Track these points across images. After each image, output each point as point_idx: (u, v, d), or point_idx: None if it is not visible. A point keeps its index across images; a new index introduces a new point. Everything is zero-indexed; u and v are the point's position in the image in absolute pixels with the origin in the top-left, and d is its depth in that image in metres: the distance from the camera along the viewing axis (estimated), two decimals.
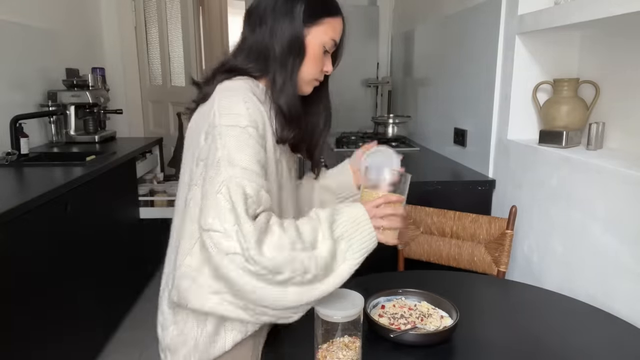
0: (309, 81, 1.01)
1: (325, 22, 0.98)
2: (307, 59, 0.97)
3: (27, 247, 1.60)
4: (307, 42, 0.96)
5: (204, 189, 0.85)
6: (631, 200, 1.15)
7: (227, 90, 0.92)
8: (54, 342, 1.77)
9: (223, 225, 0.80)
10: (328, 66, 1.02)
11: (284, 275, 0.81)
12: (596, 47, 1.57)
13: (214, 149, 0.86)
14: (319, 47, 0.98)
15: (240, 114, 0.88)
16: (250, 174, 0.84)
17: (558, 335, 1.04)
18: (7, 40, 2.42)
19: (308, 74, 0.99)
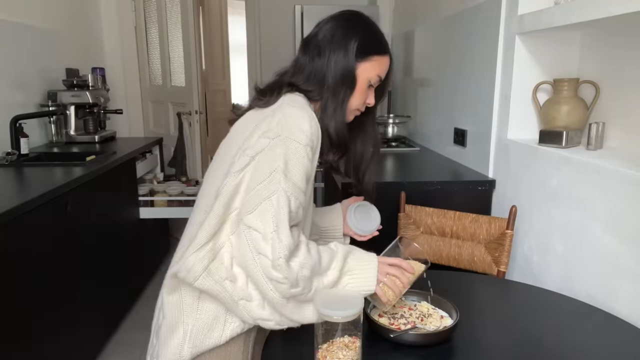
0: (352, 111, 1.09)
1: (374, 59, 1.05)
2: (355, 90, 1.06)
3: (27, 247, 1.60)
4: (356, 76, 1.04)
5: (254, 190, 0.91)
6: (631, 200, 1.14)
7: (295, 102, 0.99)
8: (54, 342, 1.77)
9: (265, 228, 0.88)
10: (371, 99, 1.10)
11: (297, 289, 0.90)
12: (596, 47, 1.57)
13: (272, 157, 0.92)
14: (365, 81, 1.06)
15: (304, 131, 0.94)
16: (298, 191, 0.92)
17: (558, 335, 1.04)
18: (7, 40, 2.42)
19: (353, 104, 1.07)
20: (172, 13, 3.57)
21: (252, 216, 0.89)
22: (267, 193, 0.90)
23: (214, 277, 0.93)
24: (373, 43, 1.07)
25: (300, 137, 0.93)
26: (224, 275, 0.93)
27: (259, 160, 0.93)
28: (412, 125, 2.97)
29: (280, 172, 0.91)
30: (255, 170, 0.93)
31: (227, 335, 0.97)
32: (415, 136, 2.92)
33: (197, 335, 0.97)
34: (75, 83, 2.80)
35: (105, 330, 2.29)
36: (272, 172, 0.91)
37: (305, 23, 3.23)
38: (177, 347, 0.97)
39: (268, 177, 0.91)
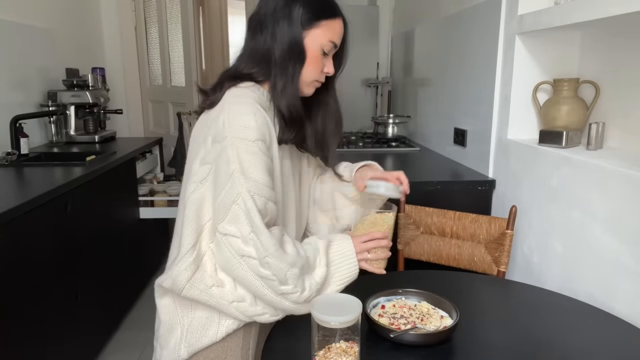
0: (310, 83, 1.03)
1: (323, 24, 0.98)
2: (307, 61, 0.99)
3: (27, 247, 1.60)
4: (305, 45, 0.98)
5: (220, 198, 0.91)
6: (631, 200, 1.14)
7: (236, 98, 0.95)
8: (54, 342, 1.77)
9: (241, 231, 0.88)
10: (328, 67, 1.02)
11: (287, 287, 0.91)
12: (596, 47, 1.57)
13: (226, 160, 0.90)
14: (317, 50, 0.99)
15: (249, 127, 0.91)
16: (262, 187, 0.91)
17: (558, 335, 1.04)
18: (7, 40, 2.42)
19: (308, 76, 1.01)
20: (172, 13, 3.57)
21: (225, 223, 0.90)
22: (232, 197, 0.89)
23: (198, 286, 0.93)
24: (320, 7, 0.99)
25: (248, 133, 0.91)
26: (210, 282, 0.94)
27: (217, 167, 0.92)
28: (412, 125, 2.97)
29: (239, 174, 0.89)
30: (215, 177, 0.92)
31: (222, 332, 0.97)
32: (415, 136, 2.92)
33: (193, 334, 0.97)
34: (75, 83, 2.80)
35: (105, 330, 2.29)
36: (230, 175, 0.90)
37: None
38: (175, 347, 0.98)
39: (228, 181, 0.90)
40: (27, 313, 1.59)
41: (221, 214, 0.90)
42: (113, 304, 2.39)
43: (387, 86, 3.54)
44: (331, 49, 1.01)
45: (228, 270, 0.92)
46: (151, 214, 2.81)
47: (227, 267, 0.92)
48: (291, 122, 1.00)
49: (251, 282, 0.90)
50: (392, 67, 3.62)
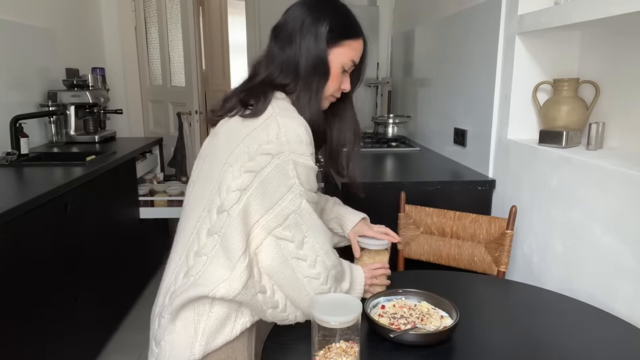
0: (327, 97, 1.07)
1: (346, 44, 1.03)
2: (329, 78, 1.03)
3: (27, 247, 1.60)
4: (329, 62, 1.02)
5: (279, 208, 0.95)
6: (631, 200, 1.14)
7: (285, 111, 0.98)
8: (54, 342, 1.77)
9: (296, 237, 0.96)
10: (346, 85, 1.07)
11: (326, 286, 1.00)
12: (596, 47, 1.57)
13: (284, 174, 0.94)
14: (339, 67, 1.03)
15: (304, 142, 0.95)
16: (313, 195, 0.99)
17: (558, 335, 1.04)
18: (7, 40, 2.42)
19: (327, 91, 1.05)
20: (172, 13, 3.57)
21: (282, 229, 0.95)
22: (293, 208, 0.95)
23: (250, 292, 0.96)
24: (344, 27, 1.03)
25: (304, 149, 0.95)
26: (258, 288, 0.97)
27: (269, 178, 0.94)
28: (412, 125, 2.97)
29: (298, 186, 0.95)
30: (268, 187, 0.94)
31: (237, 330, 0.99)
32: (415, 136, 2.92)
33: (210, 334, 0.97)
34: (75, 83, 2.80)
35: (105, 330, 2.29)
36: (290, 188, 0.95)
37: None
38: (188, 347, 0.96)
39: (288, 193, 0.95)
40: (27, 313, 1.59)
41: (280, 221, 0.95)
42: (113, 304, 2.39)
43: (387, 86, 3.54)
44: (351, 67, 1.06)
45: (274, 273, 0.98)
46: (151, 214, 2.81)
47: (273, 271, 0.97)
48: (315, 135, 1.02)
49: (296, 283, 0.97)
50: (392, 67, 3.62)
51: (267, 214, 0.95)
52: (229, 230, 0.94)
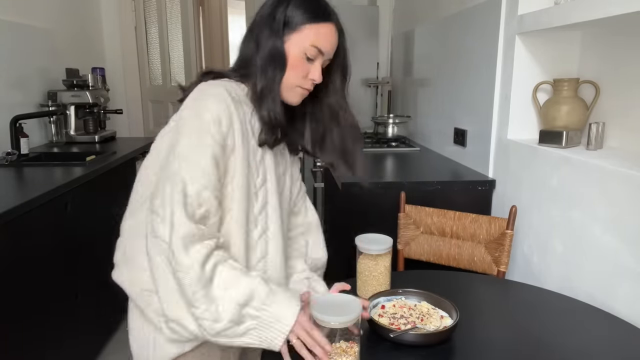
0: (292, 89, 0.98)
1: (305, 28, 0.95)
2: (288, 66, 0.96)
3: (27, 247, 1.60)
4: (287, 50, 0.95)
5: (161, 172, 0.89)
6: (631, 200, 1.15)
7: (207, 84, 0.94)
8: (54, 342, 1.77)
9: (164, 210, 0.85)
10: (314, 74, 0.97)
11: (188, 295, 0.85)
12: (596, 47, 1.57)
13: (176, 138, 0.89)
14: (298, 55, 0.95)
15: (205, 107, 0.89)
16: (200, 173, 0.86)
17: (558, 335, 1.04)
18: (7, 40, 2.42)
19: (289, 81, 0.97)
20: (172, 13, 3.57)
21: (155, 198, 0.87)
22: (169, 174, 0.87)
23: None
24: (306, 11, 0.95)
25: (201, 112, 0.88)
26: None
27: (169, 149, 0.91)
28: (412, 125, 2.97)
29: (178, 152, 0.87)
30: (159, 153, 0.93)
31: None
32: (415, 136, 2.92)
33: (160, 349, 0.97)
34: (75, 83, 2.80)
35: (105, 330, 2.29)
36: (173, 153, 0.88)
37: None
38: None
39: (167, 157, 0.89)
40: (27, 313, 1.59)
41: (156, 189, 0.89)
42: (113, 304, 2.38)
43: (387, 86, 3.54)
44: (316, 54, 0.96)
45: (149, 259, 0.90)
46: None
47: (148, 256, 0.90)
48: (270, 126, 0.97)
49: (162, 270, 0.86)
50: (392, 67, 3.62)
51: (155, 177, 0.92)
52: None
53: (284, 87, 0.97)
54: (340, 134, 1.06)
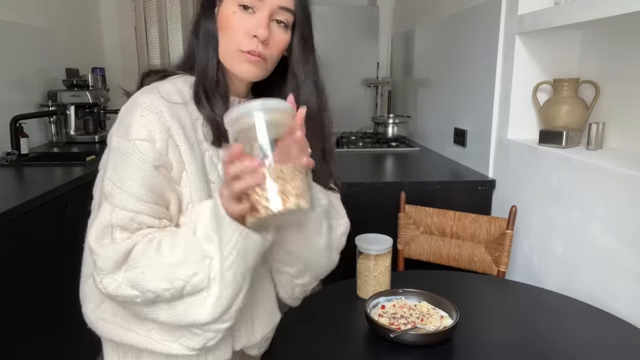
0: (233, 54, 0.79)
1: None
2: (220, 28, 0.80)
3: (27, 247, 1.60)
4: (219, 13, 0.80)
5: (100, 194, 0.79)
6: (631, 200, 1.14)
7: (136, 96, 0.79)
8: (54, 342, 1.77)
9: (91, 242, 0.76)
10: (258, 30, 0.76)
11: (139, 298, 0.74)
12: (596, 47, 1.57)
13: (106, 161, 0.79)
14: (230, 8, 0.78)
15: (131, 124, 0.75)
16: (126, 198, 0.73)
17: (558, 335, 1.04)
18: (7, 40, 2.42)
19: (227, 47, 0.80)
20: (172, 13, 3.57)
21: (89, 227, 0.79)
22: (99, 200, 0.78)
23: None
24: None
25: (128, 131, 0.75)
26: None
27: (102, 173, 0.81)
28: (412, 125, 2.97)
29: (107, 178, 0.76)
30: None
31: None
32: (415, 136, 2.92)
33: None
34: (75, 83, 2.80)
35: None
36: (101, 179, 0.78)
37: None
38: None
39: (99, 184, 0.79)
40: (28, 313, 1.59)
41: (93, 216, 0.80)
42: None
43: (387, 86, 3.54)
44: (249, 0, 0.77)
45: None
46: None
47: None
48: (212, 122, 0.81)
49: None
50: (392, 67, 3.62)
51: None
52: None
53: (225, 58, 0.81)
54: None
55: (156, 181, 0.75)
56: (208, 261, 0.69)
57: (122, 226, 0.74)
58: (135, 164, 0.74)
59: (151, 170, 0.74)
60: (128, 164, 0.74)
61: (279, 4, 0.78)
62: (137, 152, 0.74)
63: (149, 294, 0.72)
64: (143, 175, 0.74)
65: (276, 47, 0.81)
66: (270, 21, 0.78)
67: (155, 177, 0.75)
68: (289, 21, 0.80)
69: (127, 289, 0.73)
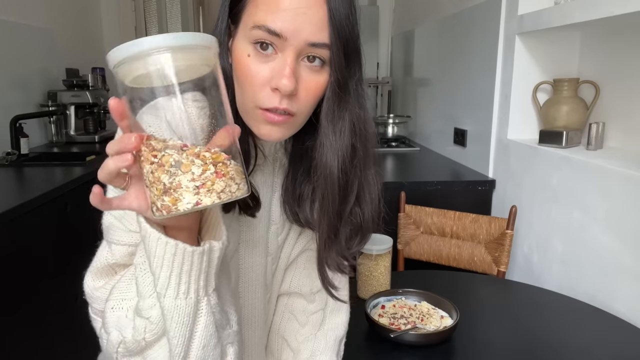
0: (252, 111, 0.58)
1: (249, 2, 0.57)
2: (234, 70, 0.60)
3: (27, 247, 1.60)
4: (233, 49, 0.60)
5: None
6: (631, 200, 1.15)
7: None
8: (54, 343, 1.77)
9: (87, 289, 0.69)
10: (280, 81, 0.55)
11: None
12: (596, 47, 1.57)
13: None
14: (244, 52, 0.57)
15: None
16: (123, 233, 0.61)
17: (558, 335, 1.04)
18: (7, 40, 2.42)
19: (242, 98, 0.59)
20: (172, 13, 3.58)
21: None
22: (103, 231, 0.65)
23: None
24: None
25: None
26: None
27: None
28: (412, 125, 2.97)
29: (110, 215, 0.62)
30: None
31: None
32: (415, 136, 2.92)
33: None
34: (75, 83, 2.80)
35: None
36: (105, 214, 0.64)
37: None
38: None
39: (103, 219, 0.65)
40: (27, 313, 1.59)
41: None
42: None
43: (387, 86, 3.54)
44: (267, 36, 0.55)
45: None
46: None
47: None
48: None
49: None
50: (392, 67, 3.62)
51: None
52: None
53: (243, 114, 0.61)
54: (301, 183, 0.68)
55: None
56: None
57: (122, 264, 0.62)
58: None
59: None
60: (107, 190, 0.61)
61: (308, 40, 0.55)
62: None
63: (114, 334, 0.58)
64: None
65: (310, 97, 0.59)
66: (297, 63, 0.56)
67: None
68: (325, 57, 0.57)
69: (102, 332, 0.60)
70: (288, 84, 0.54)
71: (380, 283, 1.18)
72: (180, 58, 0.44)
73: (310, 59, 0.57)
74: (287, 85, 0.54)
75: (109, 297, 0.59)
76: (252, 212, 0.65)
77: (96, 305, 0.65)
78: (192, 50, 0.44)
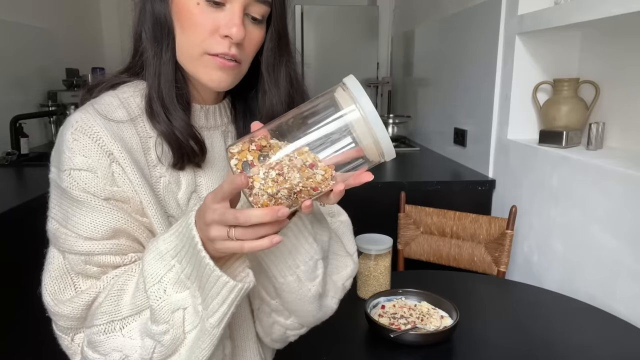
0: (198, 59, 0.63)
1: None
2: (177, 20, 0.63)
3: (27, 247, 1.60)
4: (171, 9, 0.63)
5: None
6: (631, 200, 1.15)
7: (70, 120, 0.65)
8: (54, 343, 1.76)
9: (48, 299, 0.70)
10: (231, 29, 0.60)
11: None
12: (596, 47, 1.57)
13: (49, 193, 0.71)
14: (188, 4, 0.61)
15: (62, 151, 0.64)
16: (72, 240, 0.64)
17: (558, 335, 1.04)
18: (7, 40, 2.42)
19: (189, 48, 0.63)
20: None
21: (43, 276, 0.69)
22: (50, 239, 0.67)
23: None
24: None
25: (60, 161, 0.65)
26: None
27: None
28: (412, 125, 2.97)
29: (50, 217, 0.67)
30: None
31: None
32: (415, 136, 2.92)
33: None
34: (75, 83, 2.80)
35: None
36: (49, 209, 0.68)
37: (306, 23, 3.23)
38: None
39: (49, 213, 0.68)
40: (27, 314, 1.59)
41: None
42: None
43: (387, 86, 3.54)
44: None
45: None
46: None
47: None
48: (173, 142, 0.65)
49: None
50: (392, 67, 3.62)
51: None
52: None
53: (187, 61, 0.64)
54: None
55: (108, 217, 0.61)
56: (180, 313, 0.56)
57: (81, 273, 0.63)
58: (75, 199, 0.62)
59: (97, 203, 0.62)
60: (67, 198, 0.63)
61: None
62: (75, 185, 0.62)
63: (114, 355, 0.59)
64: (88, 210, 0.62)
65: (252, 48, 0.65)
66: (243, 16, 0.62)
67: (106, 212, 0.61)
68: (264, 15, 0.65)
69: (88, 352, 0.61)
70: (239, 32, 0.60)
71: (380, 283, 1.18)
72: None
73: (253, 18, 0.64)
74: (238, 33, 0.60)
75: (93, 322, 0.61)
76: (198, 160, 0.69)
77: (62, 322, 0.66)
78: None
